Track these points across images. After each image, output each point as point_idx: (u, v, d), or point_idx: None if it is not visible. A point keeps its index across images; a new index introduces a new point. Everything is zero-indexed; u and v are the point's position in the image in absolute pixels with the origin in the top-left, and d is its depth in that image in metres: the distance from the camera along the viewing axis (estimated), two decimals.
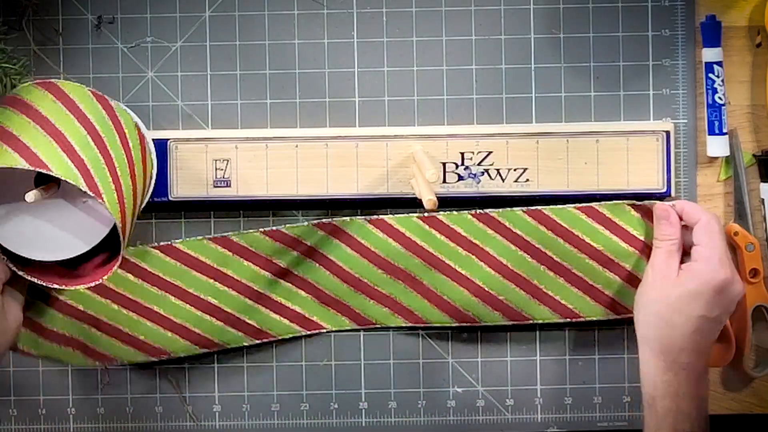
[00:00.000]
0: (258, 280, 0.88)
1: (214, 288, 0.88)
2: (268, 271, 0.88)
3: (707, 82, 0.88)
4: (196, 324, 0.88)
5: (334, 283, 0.89)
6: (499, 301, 0.88)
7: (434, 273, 0.88)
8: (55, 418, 0.91)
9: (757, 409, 0.91)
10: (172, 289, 0.88)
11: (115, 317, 0.88)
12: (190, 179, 0.87)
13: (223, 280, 0.88)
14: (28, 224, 0.78)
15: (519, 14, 0.90)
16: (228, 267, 0.88)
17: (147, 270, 0.87)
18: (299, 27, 0.90)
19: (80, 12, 0.89)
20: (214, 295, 0.88)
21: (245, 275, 0.88)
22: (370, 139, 0.87)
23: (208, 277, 0.88)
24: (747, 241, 0.89)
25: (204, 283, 0.88)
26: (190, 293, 0.88)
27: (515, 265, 0.88)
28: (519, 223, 0.87)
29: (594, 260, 0.87)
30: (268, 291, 0.89)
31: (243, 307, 0.88)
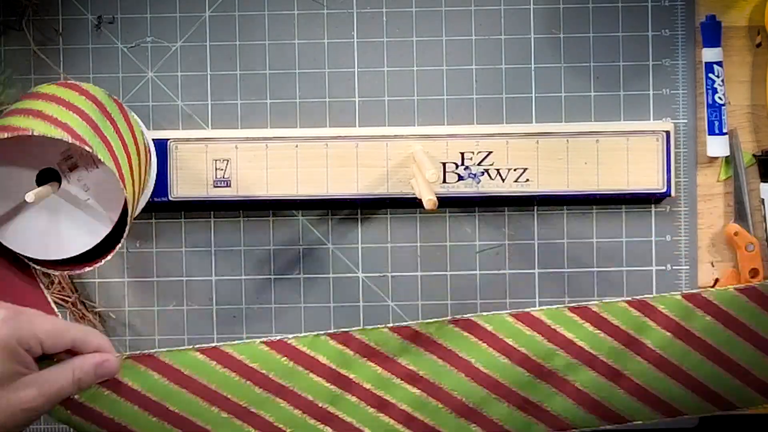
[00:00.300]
0: (383, 384, 0.78)
1: (332, 393, 0.77)
2: (394, 374, 0.78)
3: (707, 82, 0.88)
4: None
5: (471, 388, 0.78)
6: (658, 399, 0.80)
7: (586, 371, 0.79)
8: None
9: (757, 409, 0.91)
10: (284, 392, 0.77)
11: (213, 420, 0.76)
12: (190, 179, 0.87)
13: (343, 383, 0.77)
14: (28, 224, 0.78)
15: (519, 14, 0.90)
16: (349, 368, 0.77)
17: (254, 369, 0.77)
18: (299, 27, 0.90)
19: (80, 12, 0.89)
20: (331, 401, 0.77)
21: (368, 378, 0.78)
22: (370, 139, 0.87)
23: (325, 379, 0.77)
24: (747, 241, 0.89)
25: (321, 387, 0.77)
26: (304, 398, 0.77)
27: (677, 357, 0.80)
28: (677, 310, 0.80)
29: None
30: (394, 398, 0.78)
31: (365, 417, 0.78)
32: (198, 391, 0.76)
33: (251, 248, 0.91)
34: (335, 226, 0.91)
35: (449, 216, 0.91)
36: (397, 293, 0.91)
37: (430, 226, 0.91)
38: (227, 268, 0.91)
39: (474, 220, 0.91)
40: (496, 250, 0.91)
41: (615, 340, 0.79)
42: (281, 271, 0.91)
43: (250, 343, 0.76)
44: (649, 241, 0.90)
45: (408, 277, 0.91)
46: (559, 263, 0.91)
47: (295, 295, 0.91)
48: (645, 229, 0.90)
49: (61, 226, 0.79)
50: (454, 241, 0.91)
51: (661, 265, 0.90)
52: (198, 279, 0.91)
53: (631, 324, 0.79)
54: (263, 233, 0.90)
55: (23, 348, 0.67)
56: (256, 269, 0.91)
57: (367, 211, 0.90)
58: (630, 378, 0.79)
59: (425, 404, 0.78)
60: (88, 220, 0.79)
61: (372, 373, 0.78)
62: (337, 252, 0.91)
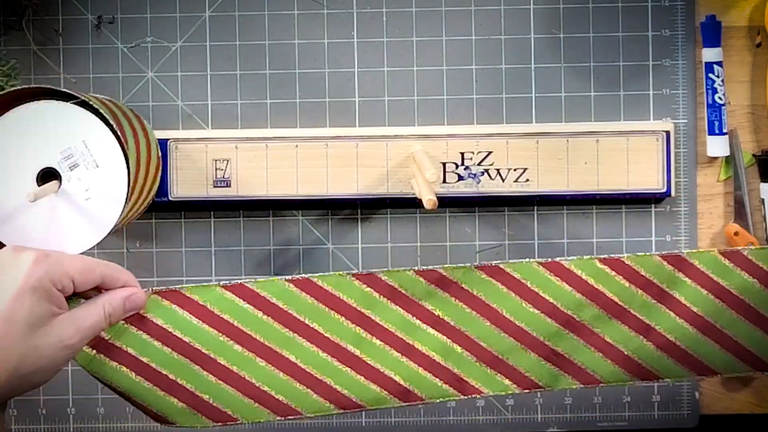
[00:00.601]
0: (408, 328, 0.76)
1: (356, 335, 0.75)
2: (419, 319, 0.76)
3: (707, 82, 0.88)
4: (333, 377, 0.75)
5: (498, 337, 0.76)
6: (689, 356, 0.78)
7: (615, 324, 0.77)
8: (55, 418, 0.91)
9: (757, 409, 0.91)
10: (308, 332, 0.75)
11: (236, 360, 0.74)
12: (190, 179, 0.87)
13: (368, 325, 0.75)
14: (28, 224, 0.78)
15: (519, 14, 0.90)
16: (374, 310, 0.75)
17: (278, 306, 0.74)
18: (299, 27, 0.90)
19: (80, 12, 0.89)
20: (356, 344, 0.75)
21: (394, 321, 0.76)
22: (370, 139, 0.87)
23: (350, 321, 0.75)
24: (747, 241, 0.89)
25: (346, 329, 0.75)
26: (328, 339, 0.75)
27: (711, 314, 0.77)
28: (714, 266, 0.77)
29: None
30: (419, 343, 0.76)
31: (390, 361, 0.76)
32: (222, 328, 0.74)
33: (251, 248, 0.91)
34: (335, 226, 0.91)
35: (449, 216, 0.91)
36: None
37: (430, 226, 0.91)
38: (227, 268, 0.91)
39: (474, 220, 0.91)
40: (496, 250, 0.91)
41: (646, 293, 0.76)
42: (281, 271, 0.91)
43: (275, 279, 0.74)
44: (649, 241, 0.90)
45: None
46: None
47: None
48: (645, 229, 0.90)
49: (62, 225, 0.79)
50: (454, 241, 0.91)
51: None
52: (198, 279, 0.90)
53: (664, 278, 0.76)
54: (263, 233, 0.90)
55: (56, 288, 0.67)
56: (256, 269, 0.91)
57: (367, 211, 0.90)
58: (661, 333, 0.77)
59: (450, 351, 0.76)
60: (88, 220, 0.79)
61: (397, 316, 0.75)
62: (337, 252, 0.91)
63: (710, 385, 0.91)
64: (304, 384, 0.75)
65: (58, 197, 0.78)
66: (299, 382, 0.75)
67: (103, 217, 0.79)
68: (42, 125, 0.77)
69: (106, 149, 0.77)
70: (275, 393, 0.75)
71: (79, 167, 0.78)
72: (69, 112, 0.77)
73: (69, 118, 0.77)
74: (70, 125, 0.77)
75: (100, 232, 0.79)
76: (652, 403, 0.91)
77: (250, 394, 0.75)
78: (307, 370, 0.75)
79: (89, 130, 0.77)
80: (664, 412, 0.91)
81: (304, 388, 0.75)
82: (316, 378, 0.75)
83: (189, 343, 0.74)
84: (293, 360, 0.75)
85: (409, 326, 0.76)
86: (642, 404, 0.91)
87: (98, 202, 0.78)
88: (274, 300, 0.74)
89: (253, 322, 0.74)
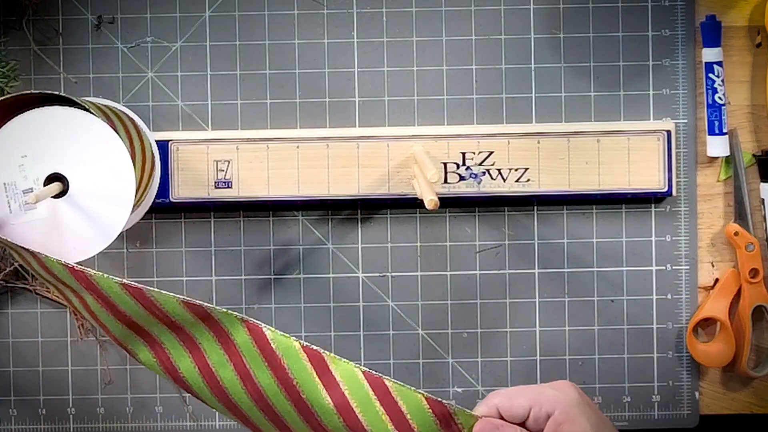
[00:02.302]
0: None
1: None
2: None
3: (707, 82, 0.88)
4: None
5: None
6: None
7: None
8: (55, 418, 0.91)
9: (757, 409, 0.92)
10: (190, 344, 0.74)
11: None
12: (191, 180, 0.87)
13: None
14: (32, 229, 0.78)
15: (519, 14, 0.90)
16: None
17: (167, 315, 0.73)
18: (299, 27, 0.90)
19: (80, 12, 0.89)
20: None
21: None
22: (371, 140, 0.87)
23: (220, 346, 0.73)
24: (747, 241, 0.89)
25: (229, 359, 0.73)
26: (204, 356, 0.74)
27: None
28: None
29: None
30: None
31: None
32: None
33: (251, 248, 0.91)
34: (335, 226, 0.91)
35: (449, 216, 0.91)
36: (397, 293, 0.91)
37: (430, 226, 0.91)
38: (227, 268, 0.91)
39: (474, 220, 0.91)
40: (496, 250, 0.91)
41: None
42: (281, 271, 0.91)
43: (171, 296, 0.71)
44: (649, 241, 0.90)
45: (408, 277, 0.91)
46: (559, 263, 0.91)
47: (295, 295, 0.91)
48: (645, 229, 0.90)
49: (65, 232, 0.79)
50: (454, 241, 0.91)
51: (661, 265, 0.90)
52: (198, 279, 0.90)
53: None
54: (263, 233, 0.90)
55: None
56: (256, 269, 0.91)
57: (367, 211, 0.90)
58: None
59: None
60: (93, 227, 0.79)
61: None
62: (337, 252, 0.91)
63: (710, 385, 0.91)
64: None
65: (63, 202, 0.78)
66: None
67: (108, 223, 0.79)
68: (48, 131, 0.77)
69: (112, 154, 0.77)
70: None
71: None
72: (76, 118, 0.77)
73: (76, 124, 0.77)
74: (76, 130, 0.77)
75: (106, 239, 0.79)
76: (652, 403, 0.91)
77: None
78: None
79: (96, 135, 0.77)
80: (664, 412, 0.91)
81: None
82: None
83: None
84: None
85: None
86: (642, 404, 0.91)
87: (104, 207, 0.77)
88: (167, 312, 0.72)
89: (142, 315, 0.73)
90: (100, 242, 0.78)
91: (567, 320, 0.91)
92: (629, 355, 0.91)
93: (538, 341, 0.91)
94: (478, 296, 0.91)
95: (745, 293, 0.89)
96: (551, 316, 0.91)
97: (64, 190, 0.77)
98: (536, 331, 0.91)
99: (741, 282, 0.89)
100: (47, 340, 0.91)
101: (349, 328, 0.91)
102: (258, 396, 0.71)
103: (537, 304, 0.91)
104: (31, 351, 0.91)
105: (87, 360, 0.91)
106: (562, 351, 0.91)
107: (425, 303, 0.91)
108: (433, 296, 0.91)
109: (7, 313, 0.91)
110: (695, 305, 0.90)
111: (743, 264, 0.89)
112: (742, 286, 0.89)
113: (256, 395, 0.71)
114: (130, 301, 0.72)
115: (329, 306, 0.91)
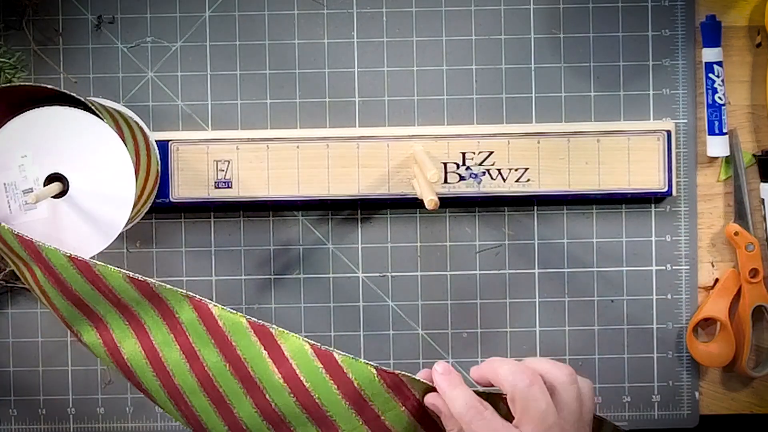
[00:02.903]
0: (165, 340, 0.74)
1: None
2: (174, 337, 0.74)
3: (707, 82, 0.88)
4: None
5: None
6: None
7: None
8: (55, 418, 0.91)
9: (757, 409, 0.92)
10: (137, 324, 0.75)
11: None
12: (191, 180, 0.87)
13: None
14: (32, 229, 0.78)
15: (519, 14, 0.90)
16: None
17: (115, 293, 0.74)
18: (299, 27, 0.90)
19: (80, 12, 0.89)
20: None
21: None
22: (371, 140, 0.87)
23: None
24: (747, 241, 0.89)
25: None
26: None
27: None
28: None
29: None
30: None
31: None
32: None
33: (251, 248, 0.91)
34: (335, 226, 0.91)
35: (449, 216, 0.91)
36: (397, 293, 0.91)
37: (430, 226, 0.91)
38: (227, 268, 0.91)
39: (474, 220, 0.91)
40: (496, 250, 0.91)
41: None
42: (281, 271, 0.91)
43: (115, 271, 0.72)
44: (649, 241, 0.90)
45: (408, 277, 0.91)
46: (559, 263, 0.91)
47: (295, 295, 0.91)
48: (645, 229, 0.90)
49: (67, 230, 0.79)
50: (454, 241, 0.91)
51: (661, 265, 0.90)
52: (198, 279, 0.90)
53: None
54: (263, 233, 0.90)
55: None
56: (256, 269, 0.91)
57: (367, 211, 0.90)
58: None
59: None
60: (93, 227, 0.79)
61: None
62: (337, 252, 0.91)
63: (710, 385, 0.91)
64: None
65: (63, 202, 0.78)
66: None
67: (108, 223, 0.79)
68: (48, 131, 0.77)
69: (113, 155, 0.77)
70: None
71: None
72: (76, 118, 0.77)
73: (76, 124, 0.77)
74: (76, 130, 0.77)
75: (106, 239, 0.79)
76: (652, 403, 0.91)
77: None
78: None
79: (96, 136, 0.77)
80: (664, 412, 0.91)
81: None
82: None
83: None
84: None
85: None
86: (642, 404, 0.91)
87: (104, 207, 0.77)
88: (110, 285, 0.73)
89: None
90: (100, 242, 0.78)
91: (567, 320, 0.91)
92: (629, 355, 0.91)
93: (538, 341, 0.91)
94: (478, 296, 0.91)
95: (745, 293, 0.89)
96: (551, 316, 0.91)
97: (64, 190, 0.78)
98: (536, 331, 0.91)
99: (741, 282, 0.89)
100: (47, 340, 0.91)
101: (349, 328, 0.91)
102: (204, 376, 0.71)
103: (537, 304, 0.91)
104: (31, 351, 0.91)
105: (87, 360, 0.91)
106: (562, 351, 0.91)
107: (425, 303, 0.91)
108: (433, 296, 0.91)
109: (7, 313, 0.91)
110: (695, 305, 0.91)
111: (743, 264, 0.89)
112: (742, 286, 0.89)
113: (201, 376, 0.71)
114: (77, 275, 0.72)
115: (329, 306, 0.91)
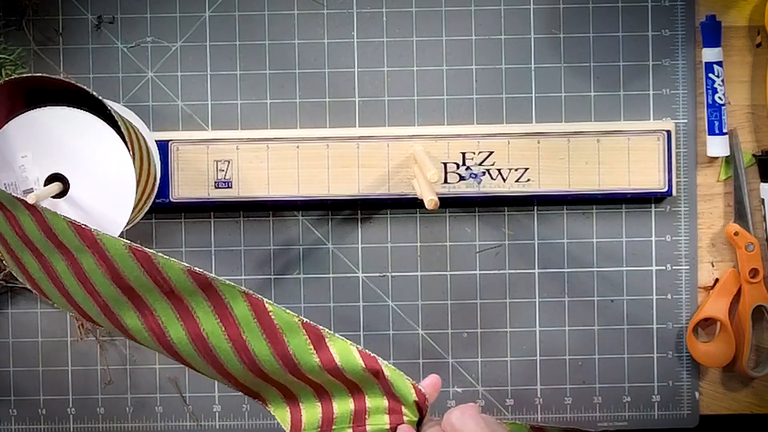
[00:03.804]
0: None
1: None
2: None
3: (707, 82, 0.88)
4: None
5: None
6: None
7: None
8: (55, 418, 0.91)
9: (757, 409, 0.92)
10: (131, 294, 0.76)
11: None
12: (191, 180, 0.87)
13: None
14: None
15: (519, 14, 0.90)
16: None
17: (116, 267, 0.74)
18: (299, 27, 0.90)
19: (80, 12, 0.89)
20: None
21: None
22: (371, 140, 0.87)
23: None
24: (747, 241, 0.89)
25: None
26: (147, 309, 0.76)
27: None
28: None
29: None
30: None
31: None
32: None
33: (251, 248, 0.91)
34: (335, 226, 0.91)
35: (449, 216, 0.91)
36: (397, 293, 0.91)
37: (430, 226, 0.91)
38: (227, 268, 0.91)
39: (474, 220, 0.91)
40: (496, 250, 0.91)
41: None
42: (281, 271, 0.91)
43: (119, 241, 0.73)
44: (649, 241, 0.90)
45: (408, 277, 0.91)
46: (559, 263, 0.91)
47: (295, 295, 0.91)
48: (645, 229, 0.90)
49: None
50: (454, 241, 0.91)
51: (661, 265, 0.90)
52: None
53: None
54: (263, 233, 0.90)
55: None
56: (256, 269, 0.91)
57: (367, 211, 0.90)
58: None
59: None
60: (94, 224, 0.79)
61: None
62: (337, 252, 0.91)
63: (710, 385, 0.91)
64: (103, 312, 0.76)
65: (63, 202, 0.78)
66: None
67: (108, 223, 0.79)
68: (49, 131, 0.77)
69: (113, 155, 0.77)
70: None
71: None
72: (76, 118, 0.77)
73: (76, 124, 0.77)
74: (76, 130, 0.77)
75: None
76: (652, 403, 0.91)
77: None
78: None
79: (96, 136, 0.77)
80: (664, 412, 0.91)
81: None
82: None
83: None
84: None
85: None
86: (642, 404, 0.91)
87: (104, 207, 0.77)
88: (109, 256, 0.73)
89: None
90: None
91: (567, 320, 0.91)
92: (629, 355, 0.91)
93: (538, 341, 0.91)
94: (478, 296, 0.91)
95: (745, 293, 0.89)
96: (551, 316, 0.91)
97: (64, 190, 0.78)
98: (536, 331, 0.91)
99: (741, 282, 0.89)
100: (47, 340, 0.91)
101: (349, 328, 0.91)
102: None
103: (537, 304, 0.91)
104: (31, 351, 0.91)
105: (87, 360, 0.91)
106: (562, 351, 0.91)
107: (425, 303, 0.91)
108: (433, 296, 0.91)
109: (7, 313, 0.91)
110: (695, 305, 0.91)
111: (743, 264, 0.89)
112: (742, 286, 0.89)
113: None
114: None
115: (329, 306, 0.91)
